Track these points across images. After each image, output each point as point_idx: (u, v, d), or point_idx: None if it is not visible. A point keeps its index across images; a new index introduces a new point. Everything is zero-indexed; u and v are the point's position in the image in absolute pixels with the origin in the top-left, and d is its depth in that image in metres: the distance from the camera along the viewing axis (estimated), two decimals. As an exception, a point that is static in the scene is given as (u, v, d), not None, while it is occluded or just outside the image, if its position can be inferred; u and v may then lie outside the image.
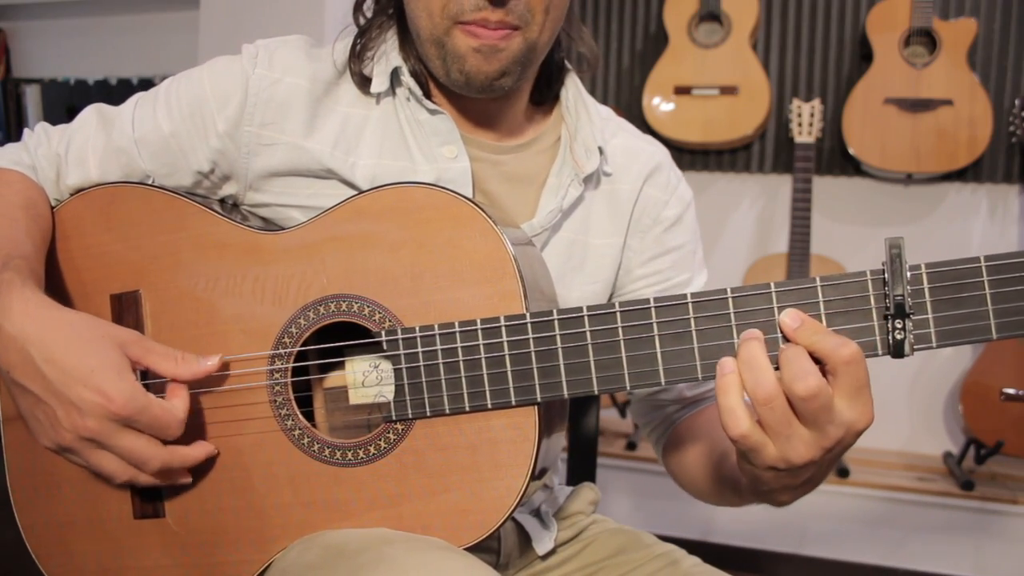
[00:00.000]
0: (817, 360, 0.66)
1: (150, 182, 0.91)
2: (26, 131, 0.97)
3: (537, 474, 0.77)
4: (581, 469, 1.26)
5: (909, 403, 2.64)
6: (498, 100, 0.93)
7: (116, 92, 2.94)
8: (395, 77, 0.91)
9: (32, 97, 3.02)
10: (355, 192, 0.88)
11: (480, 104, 0.92)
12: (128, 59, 2.96)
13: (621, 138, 1.01)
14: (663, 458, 1.06)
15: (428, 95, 0.92)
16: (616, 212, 0.98)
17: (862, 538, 2.45)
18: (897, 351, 0.67)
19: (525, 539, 0.98)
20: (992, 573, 2.36)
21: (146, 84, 2.88)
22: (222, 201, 0.95)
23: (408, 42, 0.92)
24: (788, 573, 2.51)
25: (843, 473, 2.40)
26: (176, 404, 0.77)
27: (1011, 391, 1.44)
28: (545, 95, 0.99)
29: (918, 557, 2.41)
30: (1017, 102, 2.42)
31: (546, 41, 0.87)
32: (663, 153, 1.03)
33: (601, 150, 0.94)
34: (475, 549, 0.76)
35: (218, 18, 2.43)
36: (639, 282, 1.00)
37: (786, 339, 0.68)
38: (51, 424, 0.75)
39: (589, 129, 0.95)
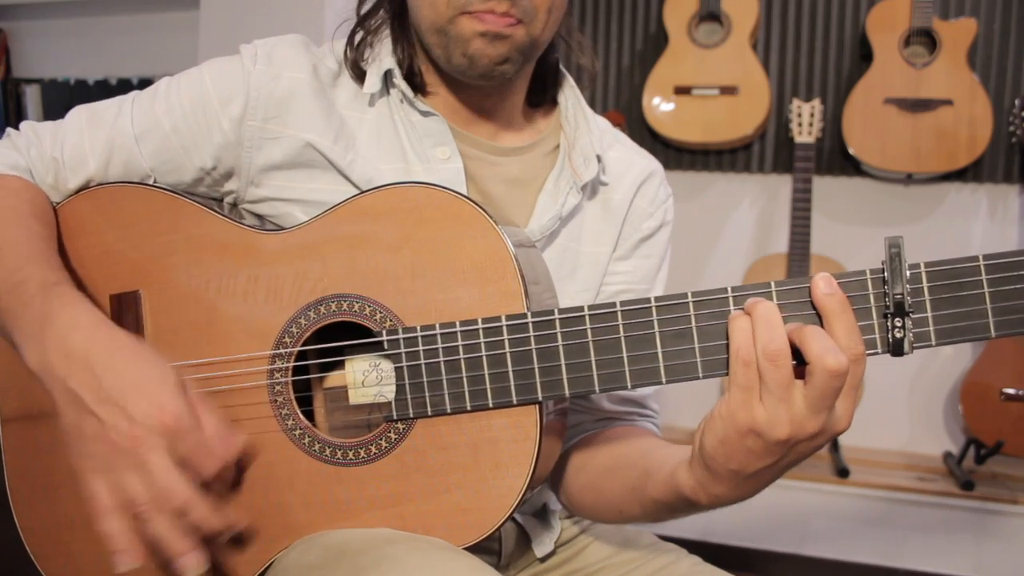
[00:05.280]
0: None
1: (151, 180, 0.91)
2: (10, 130, 0.94)
3: (537, 477, 0.77)
4: (581, 469, 1.25)
5: (909, 403, 2.64)
6: (493, 96, 0.93)
7: (116, 92, 2.89)
8: (388, 79, 0.92)
9: (32, 97, 3.02)
10: (354, 188, 0.89)
11: (475, 99, 0.93)
12: (128, 59, 2.96)
13: (617, 150, 1.02)
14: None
15: (423, 90, 0.93)
16: (608, 222, 0.98)
17: (862, 538, 2.45)
18: (896, 349, 0.67)
19: (525, 540, 0.98)
20: (992, 573, 2.35)
21: (146, 84, 2.86)
22: (221, 201, 0.95)
23: (404, 35, 0.92)
24: (788, 573, 2.50)
25: (843, 473, 2.40)
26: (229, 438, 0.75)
27: (1011, 391, 1.44)
28: (541, 97, 1.00)
29: (918, 557, 2.40)
30: (1017, 102, 2.41)
31: (546, 40, 0.89)
32: (656, 166, 1.04)
33: (599, 159, 0.95)
34: (475, 549, 0.76)
35: (218, 18, 2.43)
36: (605, 277, 0.99)
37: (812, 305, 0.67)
38: (93, 435, 0.73)
39: (588, 138, 0.96)
